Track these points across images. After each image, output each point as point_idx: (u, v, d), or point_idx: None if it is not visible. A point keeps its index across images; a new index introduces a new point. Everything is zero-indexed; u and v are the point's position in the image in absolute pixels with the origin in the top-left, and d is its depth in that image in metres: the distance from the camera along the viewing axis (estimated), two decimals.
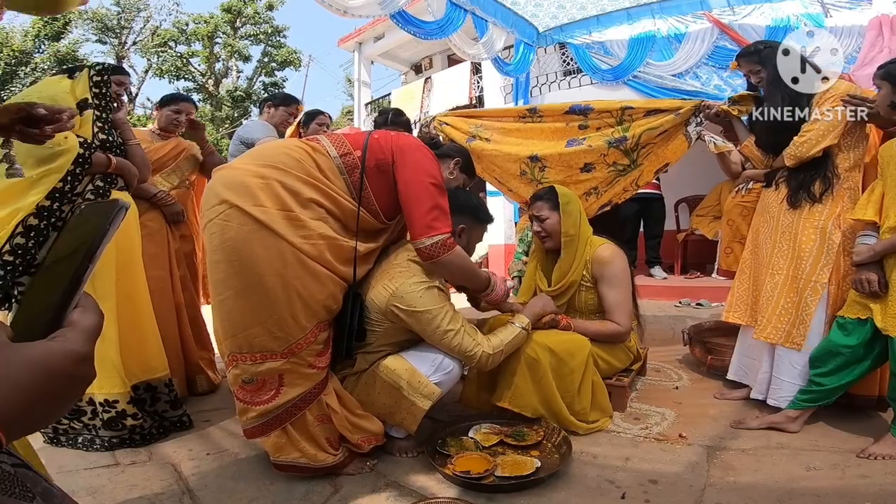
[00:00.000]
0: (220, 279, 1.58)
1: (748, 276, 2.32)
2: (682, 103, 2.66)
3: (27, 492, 0.35)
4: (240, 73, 19.80)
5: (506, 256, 7.26)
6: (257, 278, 1.53)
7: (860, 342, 1.79)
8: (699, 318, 3.52)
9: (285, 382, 1.62)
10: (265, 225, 1.53)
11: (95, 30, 17.11)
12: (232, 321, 1.58)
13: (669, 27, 5.92)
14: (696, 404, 2.29)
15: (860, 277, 1.76)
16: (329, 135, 1.82)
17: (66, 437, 1.97)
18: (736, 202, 4.01)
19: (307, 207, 1.61)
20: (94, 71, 2.05)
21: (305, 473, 1.67)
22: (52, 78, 2.04)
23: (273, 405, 1.61)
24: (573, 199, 2.28)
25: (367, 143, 1.75)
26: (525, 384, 1.92)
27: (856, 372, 1.83)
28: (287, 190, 1.58)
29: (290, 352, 1.59)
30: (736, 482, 1.60)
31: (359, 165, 1.71)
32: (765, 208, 2.26)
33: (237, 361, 1.60)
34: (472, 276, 1.88)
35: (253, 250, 1.53)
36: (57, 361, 0.38)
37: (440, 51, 10.90)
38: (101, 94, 2.05)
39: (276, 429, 1.64)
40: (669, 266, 5.66)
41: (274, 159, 1.63)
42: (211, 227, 1.58)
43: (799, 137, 2.05)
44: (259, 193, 1.55)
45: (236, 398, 1.66)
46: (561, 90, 7.29)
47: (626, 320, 2.17)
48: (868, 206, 1.81)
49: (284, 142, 1.79)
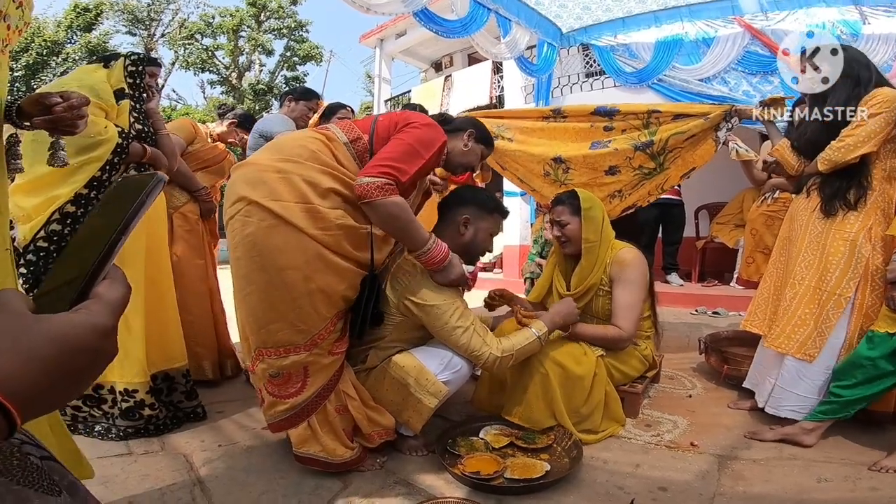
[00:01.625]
0: (242, 275, 1.61)
1: (771, 285, 2.27)
2: (711, 108, 2.61)
3: (54, 485, 0.34)
4: (262, 66, 20.01)
5: (520, 257, 7.23)
6: (278, 273, 1.56)
7: (882, 355, 1.75)
8: (716, 326, 3.47)
9: (310, 373, 1.65)
10: (285, 219, 1.55)
11: (126, 21, 17.40)
12: (255, 317, 1.61)
13: (698, 31, 5.81)
14: (710, 413, 2.26)
15: (893, 294, 1.73)
16: (338, 122, 1.84)
17: (84, 425, 1.98)
18: (761, 211, 3.95)
19: (326, 198, 1.63)
20: (129, 61, 2.06)
21: (323, 469, 1.67)
22: (87, 66, 2.04)
23: (302, 398, 1.64)
24: (596, 203, 2.21)
25: (374, 126, 1.77)
26: (536, 401, 1.89)
27: (879, 387, 1.78)
28: (306, 182, 1.60)
29: (312, 343, 1.62)
30: (746, 492, 1.58)
31: (368, 148, 1.74)
32: (794, 216, 2.20)
33: (263, 356, 1.63)
34: (406, 230, 1.67)
35: (274, 245, 1.55)
36: (79, 334, 0.36)
37: (461, 49, 10.87)
38: (135, 85, 2.07)
39: (303, 421, 1.66)
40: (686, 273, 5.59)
41: (292, 152, 1.65)
42: (233, 224, 1.61)
43: (837, 142, 1.97)
44: (278, 187, 1.57)
45: (265, 392, 1.68)
46: (583, 91, 7.23)
47: (629, 325, 2.10)
48: None
49: (300, 133, 1.80)
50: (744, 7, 5.30)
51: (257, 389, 1.76)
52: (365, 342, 1.84)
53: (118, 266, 0.43)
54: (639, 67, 6.22)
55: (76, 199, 1.83)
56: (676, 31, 5.88)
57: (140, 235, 2.00)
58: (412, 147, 1.68)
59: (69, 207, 1.82)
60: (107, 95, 1.93)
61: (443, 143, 1.79)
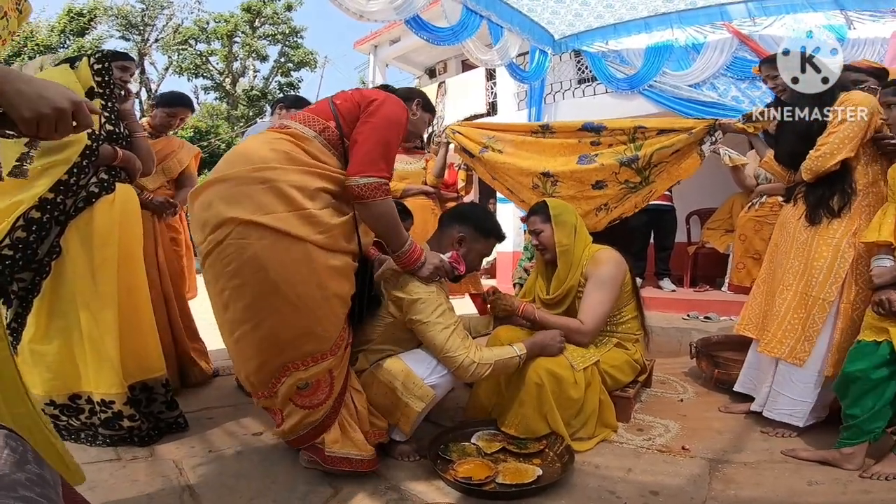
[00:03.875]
0: (246, 304, 1.53)
1: (763, 291, 2.30)
2: (696, 123, 2.66)
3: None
4: (256, 72, 20.00)
5: (513, 264, 7.24)
6: (294, 289, 1.52)
7: (872, 366, 1.73)
8: (707, 331, 3.48)
9: (335, 375, 1.65)
10: (284, 232, 1.49)
11: (119, 26, 17.35)
12: (276, 339, 1.55)
13: (688, 37, 5.87)
14: (701, 417, 2.27)
15: (880, 298, 1.70)
16: (294, 116, 1.73)
17: (69, 433, 1.94)
18: (749, 217, 3.97)
19: (316, 199, 1.58)
20: (93, 59, 1.97)
21: (354, 469, 1.66)
22: (56, 68, 1.94)
23: (332, 401, 1.65)
24: (565, 210, 2.29)
25: (335, 111, 1.70)
26: (533, 413, 1.89)
27: (883, 397, 1.72)
28: (294, 187, 1.54)
29: (336, 346, 1.63)
30: (737, 496, 1.58)
31: (338, 135, 1.68)
32: (783, 224, 2.24)
33: (289, 371, 1.59)
34: (395, 231, 1.72)
35: (281, 261, 1.50)
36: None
37: (455, 55, 10.91)
38: (104, 83, 1.98)
39: (332, 423, 1.66)
40: (679, 278, 5.60)
41: (266, 158, 1.56)
42: (224, 250, 1.50)
43: (814, 151, 2.00)
44: (265, 199, 1.50)
45: (294, 406, 1.63)
46: (575, 98, 7.27)
47: (590, 321, 2.08)
48: (882, 227, 1.77)
49: (261, 138, 1.66)
50: (732, 13, 5.36)
51: (274, 411, 1.69)
52: (354, 346, 1.84)
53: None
54: (630, 73, 6.27)
55: (41, 204, 1.75)
56: (667, 37, 5.93)
57: (111, 243, 1.92)
58: (388, 134, 1.67)
59: (34, 213, 1.74)
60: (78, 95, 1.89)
61: (407, 116, 1.79)
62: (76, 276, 1.84)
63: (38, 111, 0.83)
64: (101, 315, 1.86)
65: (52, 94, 0.85)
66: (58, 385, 1.87)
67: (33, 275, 1.83)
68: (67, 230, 1.85)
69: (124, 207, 2.00)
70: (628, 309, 2.26)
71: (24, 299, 1.83)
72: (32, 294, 1.83)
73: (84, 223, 1.87)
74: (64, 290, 1.84)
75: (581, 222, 2.30)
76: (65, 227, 1.84)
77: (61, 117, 0.86)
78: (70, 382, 1.88)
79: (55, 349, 1.85)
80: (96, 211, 1.90)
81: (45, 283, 1.83)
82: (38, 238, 1.77)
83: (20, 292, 1.82)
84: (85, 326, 1.84)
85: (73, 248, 1.85)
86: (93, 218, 1.88)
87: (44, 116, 0.84)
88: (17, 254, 1.74)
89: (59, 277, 1.84)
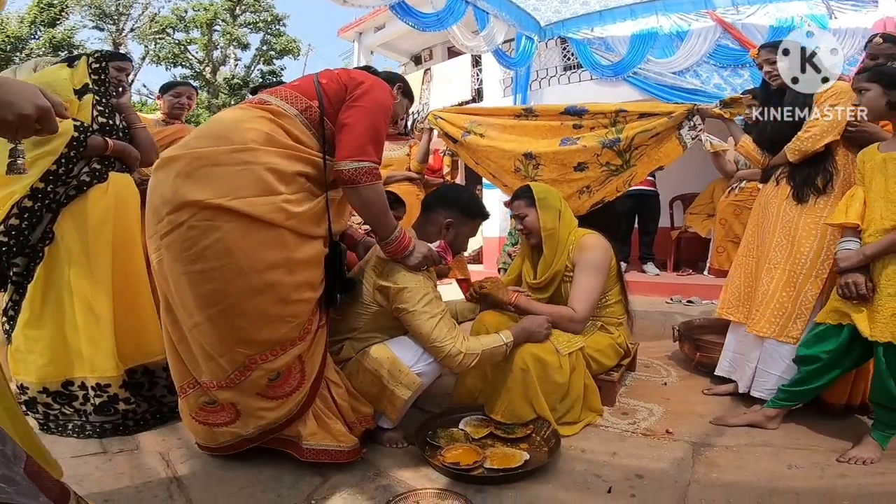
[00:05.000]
0: (208, 291, 1.45)
1: (742, 273, 2.34)
2: (675, 107, 2.71)
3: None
4: (238, 60, 19.61)
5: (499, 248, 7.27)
6: (260, 275, 1.46)
7: (833, 349, 1.80)
8: (689, 314, 3.54)
9: (305, 361, 1.63)
10: (255, 217, 1.43)
11: (93, 16, 16.87)
12: (241, 328, 1.49)
13: (672, 24, 5.90)
14: (684, 401, 2.31)
15: (847, 282, 1.74)
16: (274, 91, 1.66)
17: (56, 424, 1.96)
18: (729, 201, 4.04)
19: (291, 183, 1.53)
20: (92, 58, 2.08)
21: (332, 460, 1.65)
22: (51, 67, 2.05)
23: (306, 388, 1.63)
24: (550, 193, 2.28)
25: (318, 91, 1.64)
26: (519, 398, 1.90)
27: (825, 378, 1.85)
28: (270, 171, 1.48)
29: (305, 331, 1.60)
30: (719, 479, 1.62)
31: (320, 115, 1.63)
32: (765, 205, 2.27)
33: (256, 363, 1.53)
34: (384, 218, 1.70)
35: (249, 246, 1.44)
36: None
37: (441, 42, 10.81)
38: (100, 80, 2.08)
39: (307, 412, 1.65)
40: (662, 263, 5.68)
41: (244, 138, 1.48)
42: (186, 234, 1.42)
43: (803, 133, 2.06)
44: (237, 182, 1.43)
45: (263, 398, 1.59)
46: (561, 85, 7.27)
47: (582, 308, 2.10)
48: (849, 210, 1.81)
49: (239, 113, 1.58)
50: (716, 1, 5.39)
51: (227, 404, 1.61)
52: (339, 334, 1.84)
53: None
54: (615, 61, 6.29)
55: (33, 193, 1.83)
56: (651, 24, 5.96)
57: (105, 229, 1.97)
58: (377, 119, 1.64)
59: (27, 202, 1.83)
60: (64, 91, 1.93)
61: (392, 99, 1.76)
62: (71, 262, 1.90)
63: (2, 116, 0.88)
64: (96, 300, 1.92)
65: (18, 99, 0.89)
66: (51, 371, 1.92)
67: (27, 260, 1.90)
68: (61, 217, 1.91)
69: (120, 195, 2.06)
70: (613, 293, 2.28)
71: (19, 285, 1.91)
72: (27, 280, 1.90)
73: (78, 210, 1.93)
74: (56, 275, 1.90)
75: (566, 206, 2.30)
76: (57, 214, 1.91)
77: (23, 123, 0.90)
78: (63, 368, 1.93)
79: (48, 333, 1.90)
80: (90, 198, 1.96)
81: (39, 269, 1.89)
82: (31, 225, 1.85)
83: (15, 278, 1.90)
84: (79, 311, 1.90)
85: (67, 234, 1.91)
86: (86, 205, 1.94)
87: (5, 122, 0.89)
88: (12, 240, 1.83)
89: (53, 263, 1.90)
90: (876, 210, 1.74)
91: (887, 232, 1.70)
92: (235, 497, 1.54)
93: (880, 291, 1.68)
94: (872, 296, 1.70)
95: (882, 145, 1.81)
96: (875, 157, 1.79)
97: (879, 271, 1.71)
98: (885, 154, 1.76)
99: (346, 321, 1.85)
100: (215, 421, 1.65)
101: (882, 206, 1.73)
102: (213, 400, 1.62)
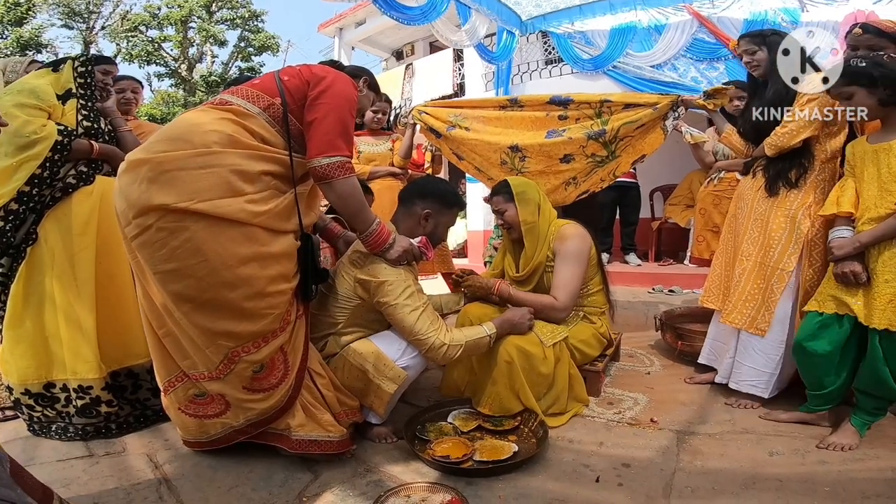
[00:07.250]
0: (179, 289, 1.48)
1: (722, 263, 2.38)
2: (660, 98, 2.71)
3: None
4: (215, 57, 19.30)
5: (485, 242, 7.29)
6: (233, 271, 1.48)
7: (839, 341, 1.78)
8: (671, 304, 3.59)
9: (287, 352, 1.64)
10: (222, 217, 1.45)
11: (61, 14, 16.46)
12: (221, 321, 1.52)
13: (650, 18, 5.95)
14: (668, 389, 2.35)
15: (844, 271, 1.74)
16: (236, 91, 1.66)
17: (40, 426, 1.96)
18: (708, 192, 4.10)
19: (256, 182, 1.54)
20: (77, 62, 2.11)
21: (322, 451, 1.67)
22: (36, 72, 2.07)
23: (291, 378, 1.64)
24: (528, 187, 2.29)
25: (281, 88, 1.64)
26: (505, 391, 1.92)
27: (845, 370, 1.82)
28: (235, 172, 1.49)
29: (286, 322, 1.62)
30: (703, 466, 1.66)
31: (282, 112, 1.63)
32: (741, 196, 2.31)
33: (239, 356, 1.56)
34: (361, 211, 1.71)
35: (219, 244, 1.46)
36: None
37: (422, 37, 10.76)
38: (85, 84, 2.11)
39: (294, 404, 1.66)
40: (644, 253, 5.74)
41: (206, 140, 1.49)
42: (154, 236, 1.44)
43: (781, 128, 2.07)
44: (201, 184, 1.44)
45: (249, 391, 1.61)
46: (542, 79, 7.28)
47: (564, 297, 2.12)
48: (841, 200, 1.83)
49: (201, 115, 1.58)
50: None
51: (217, 395, 1.63)
52: (321, 330, 1.85)
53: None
54: (595, 54, 6.32)
55: (19, 196, 1.87)
56: (630, 18, 6.00)
57: (90, 231, 1.96)
58: (343, 113, 1.65)
59: (13, 205, 1.87)
60: (47, 97, 1.95)
61: (357, 94, 1.77)
62: (54, 263, 1.92)
63: None
64: (78, 301, 1.92)
65: None
66: (32, 373, 1.92)
67: (11, 261, 1.93)
68: (45, 219, 1.94)
69: (105, 197, 2.04)
70: (594, 282, 2.30)
71: (4, 286, 1.94)
72: (11, 280, 1.93)
73: (62, 213, 1.95)
74: (38, 277, 1.92)
75: (545, 198, 2.31)
76: (41, 215, 1.94)
77: None
78: (44, 370, 1.93)
79: (28, 334, 1.91)
80: (74, 201, 1.97)
81: (21, 268, 1.91)
82: (15, 227, 1.89)
83: (1, 278, 1.93)
84: (62, 312, 1.91)
85: (51, 236, 1.93)
86: (71, 208, 1.96)
87: None
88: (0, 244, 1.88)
89: (34, 263, 1.92)
90: (869, 199, 1.77)
91: (882, 219, 1.71)
92: (226, 496, 1.53)
93: (877, 278, 1.70)
94: (870, 283, 1.72)
95: (871, 137, 1.83)
96: (865, 147, 1.82)
97: (875, 258, 1.72)
98: (875, 145, 1.78)
99: (328, 316, 1.85)
100: (206, 412, 1.67)
101: (876, 195, 1.75)
102: (203, 392, 1.64)
